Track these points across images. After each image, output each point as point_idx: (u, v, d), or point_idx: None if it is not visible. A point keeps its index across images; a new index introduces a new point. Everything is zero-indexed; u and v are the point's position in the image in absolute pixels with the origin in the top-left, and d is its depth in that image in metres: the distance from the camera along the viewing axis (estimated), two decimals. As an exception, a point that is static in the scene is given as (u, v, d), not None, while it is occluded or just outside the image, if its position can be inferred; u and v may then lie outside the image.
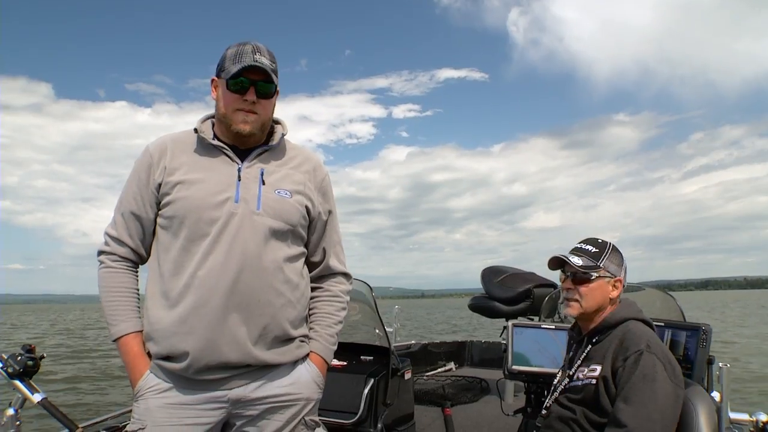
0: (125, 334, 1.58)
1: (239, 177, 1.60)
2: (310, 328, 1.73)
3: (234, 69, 1.57)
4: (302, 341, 1.67)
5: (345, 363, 2.96)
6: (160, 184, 1.60)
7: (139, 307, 1.62)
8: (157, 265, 1.60)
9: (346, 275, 1.84)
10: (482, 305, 4.35)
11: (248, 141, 1.65)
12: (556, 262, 2.02)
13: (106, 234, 1.66)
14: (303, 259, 1.72)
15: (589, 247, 2.01)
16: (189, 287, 1.51)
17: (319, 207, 1.73)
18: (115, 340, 1.60)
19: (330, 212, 1.79)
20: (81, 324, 35.27)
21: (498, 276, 4.38)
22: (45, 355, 2.28)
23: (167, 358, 1.53)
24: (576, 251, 2.02)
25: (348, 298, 1.84)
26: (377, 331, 3.27)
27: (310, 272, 1.77)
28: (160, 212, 1.61)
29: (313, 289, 1.77)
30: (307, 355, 1.69)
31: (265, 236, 1.57)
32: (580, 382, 1.88)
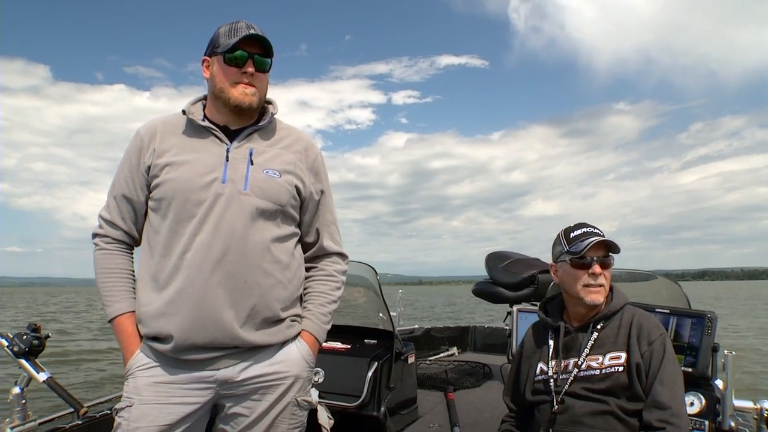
0: (119, 315, 1.60)
1: (227, 157, 1.59)
2: (304, 308, 1.72)
3: (231, 41, 1.57)
4: (293, 320, 1.67)
5: (349, 346, 2.97)
6: (149, 167, 1.60)
7: (133, 288, 1.64)
8: (148, 248, 1.61)
9: (342, 255, 1.83)
10: (486, 290, 4.35)
11: (244, 117, 1.65)
12: (605, 247, 1.88)
13: (100, 217, 1.68)
14: (295, 240, 1.71)
15: (600, 231, 1.93)
16: (177, 269, 1.52)
17: (310, 187, 1.72)
18: (110, 321, 1.62)
19: (323, 192, 1.77)
20: (61, 308, 35.16)
21: (502, 261, 4.37)
22: (51, 334, 2.29)
23: (155, 338, 1.54)
24: (600, 234, 1.92)
25: (344, 278, 1.83)
26: (381, 315, 3.27)
27: (305, 253, 1.77)
28: (150, 195, 1.62)
29: (308, 269, 1.77)
30: (299, 334, 1.68)
31: (252, 216, 1.57)
32: (598, 371, 1.82)
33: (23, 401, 2.17)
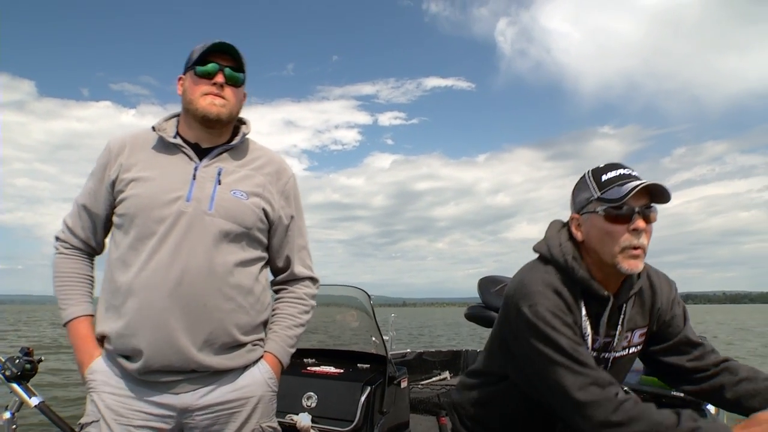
0: (74, 318, 1.58)
1: (194, 176, 1.56)
2: (270, 329, 1.69)
3: (202, 52, 1.57)
4: (256, 345, 1.63)
5: (342, 370, 2.96)
6: (114, 181, 1.58)
7: (90, 293, 1.64)
8: (108, 264, 1.59)
9: (313, 279, 1.81)
10: (479, 315, 4.35)
11: (215, 134, 1.62)
12: (648, 195, 1.43)
13: (64, 222, 1.69)
14: (261, 264, 1.67)
15: (637, 173, 1.48)
16: (132, 288, 1.48)
17: (280, 211, 1.68)
18: (65, 324, 1.60)
19: (293, 217, 1.74)
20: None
21: (495, 286, 4.39)
22: (43, 358, 2.28)
23: (121, 356, 1.52)
24: (639, 178, 1.45)
25: (313, 302, 1.79)
26: (374, 339, 3.27)
27: (275, 277, 1.76)
28: (115, 210, 1.60)
29: (277, 291, 1.76)
30: (261, 356, 1.65)
31: (216, 238, 1.52)
32: (626, 351, 1.58)
33: (14, 426, 2.14)
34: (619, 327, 1.53)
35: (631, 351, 1.59)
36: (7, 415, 2.14)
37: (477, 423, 1.67)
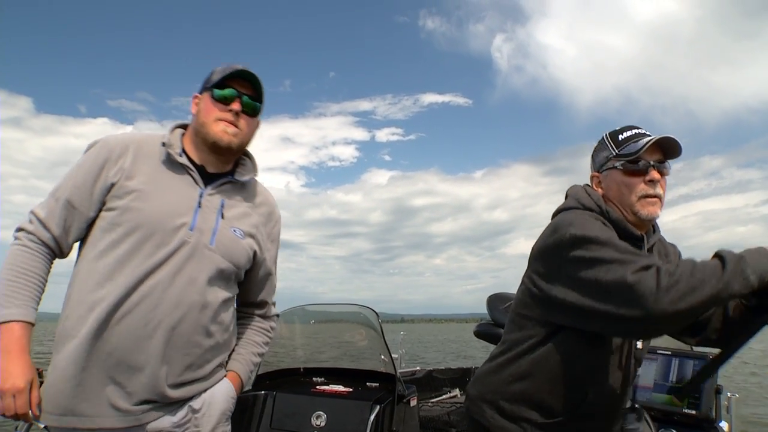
0: (14, 320, 1.37)
1: (200, 203, 1.52)
2: (236, 350, 1.67)
3: (221, 76, 1.53)
4: (219, 368, 1.60)
5: (351, 389, 2.95)
6: (113, 185, 1.48)
7: (39, 301, 1.44)
8: (86, 268, 1.46)
9: (277, 316, 1.84)
10: (488, 332, 4.33)
11: (221, 160, 1.59)
12: (661, 151, 1.54)
13: (33, 213, 1.48)
14: (235, 300, 1.66)
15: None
16: (117, 305, 1.39)
17: (265, 253, 1.68)
18: None
19: (275, 259, 1.75)
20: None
21: (504, 303, 4.37)
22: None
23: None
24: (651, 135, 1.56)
25: (273, 336, 1.82)
26: (383, 357, 3.26)
27: (245, 307, 1.75)
28: (102, 213, 1.48)
29: (242, 316, 1.75)
30: (224, 376, 1.62)
31: (211, 275, 1.49)
32: None
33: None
34: None
35: None
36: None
37: (519, 401, 1.53)
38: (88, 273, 1.45)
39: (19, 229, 1.48)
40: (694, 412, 2.24)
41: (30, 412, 1.37)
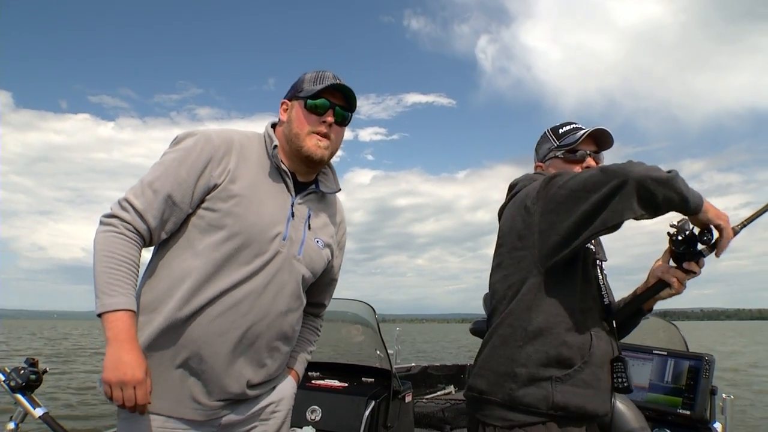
0: (122, 309, 1.34)
1: (292, 213, 1.55)
2: (294, 350, 1.74)
3: (316, 88, 1.54)
4: (285, 366, 1.70)
5: (346, 384, 2.95)
6: (216, 185, 1.46)
7: (134, 289, 1.41)
8: (180, 266, 1.45)
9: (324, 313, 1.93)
10: (483, 330, 4.35)
11: (312, 170, 1.62)
12: (595, 142, 1.76)
13: (128, 202, 1.41)
14: None
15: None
16: (209, 306, 1.42)
17: (335, 260, 1.75)
18: (105, 313, 1.33)
19: (340, 266, 1.82)
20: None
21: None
22: (48, 369, 2.28)
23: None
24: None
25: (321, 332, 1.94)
26: (379, 353, 3.26)
27: (306, 307, 1.75)
28: (199, 211, 1.47)
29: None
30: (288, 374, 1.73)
31: (297, 284, 1.55)
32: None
33: (18, 437, 2.15)
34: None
35: None
36: (11, 425, 2.15)
37: (535, 361, 1.51)
38: (185, 272, 1.43)
39: (112, 215, 1.42)
40: (688, 412, 2.25)
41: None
